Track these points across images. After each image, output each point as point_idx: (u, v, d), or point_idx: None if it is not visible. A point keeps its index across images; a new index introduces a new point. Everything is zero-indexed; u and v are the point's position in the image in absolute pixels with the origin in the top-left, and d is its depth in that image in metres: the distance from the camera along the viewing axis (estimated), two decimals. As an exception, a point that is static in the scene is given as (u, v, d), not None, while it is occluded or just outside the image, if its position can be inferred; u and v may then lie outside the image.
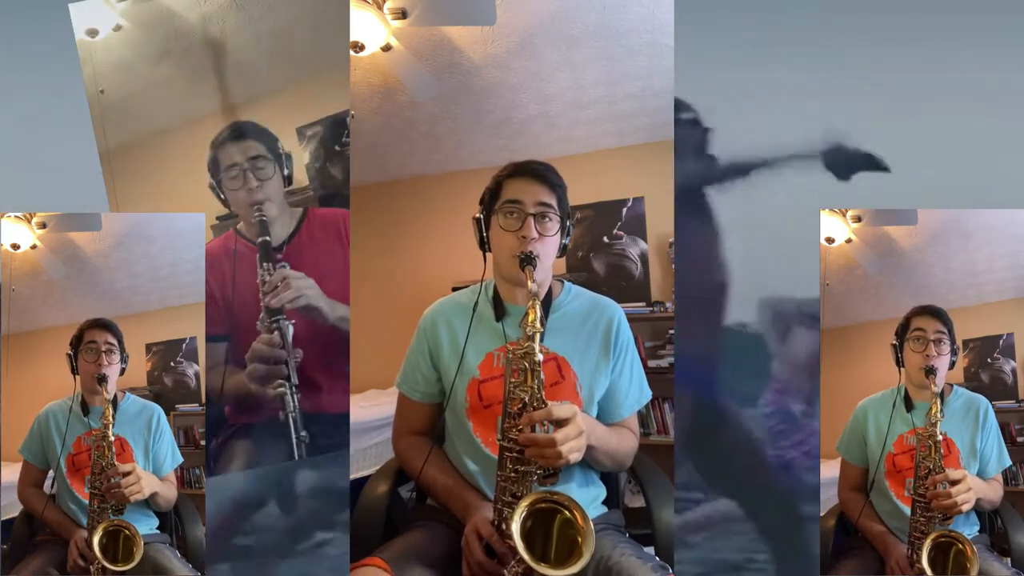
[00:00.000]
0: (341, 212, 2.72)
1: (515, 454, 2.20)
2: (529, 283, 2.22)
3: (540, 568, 2.11)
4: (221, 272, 2.69)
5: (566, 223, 2.34)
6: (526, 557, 2.11)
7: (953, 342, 2.54)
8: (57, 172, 2.91)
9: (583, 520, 2.16)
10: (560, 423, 2.18)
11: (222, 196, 2.69)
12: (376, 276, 2.82)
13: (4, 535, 2.61)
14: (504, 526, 2.19)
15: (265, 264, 2.63)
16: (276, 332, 2.59)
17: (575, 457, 2.20)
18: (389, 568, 2.21)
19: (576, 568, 2.11)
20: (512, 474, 2.20)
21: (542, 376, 2.20)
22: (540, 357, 2.20)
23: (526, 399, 2.19)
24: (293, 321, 2.61)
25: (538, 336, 2.20)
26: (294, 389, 2.60)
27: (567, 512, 2.18)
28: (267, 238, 2.64)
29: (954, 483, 2.48)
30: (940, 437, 2.48)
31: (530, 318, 2.20)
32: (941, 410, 2.49)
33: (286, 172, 2.69)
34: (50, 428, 2.60)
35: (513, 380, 2.21)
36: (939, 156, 2.93)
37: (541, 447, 2.17)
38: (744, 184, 2.95)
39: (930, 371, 2.51)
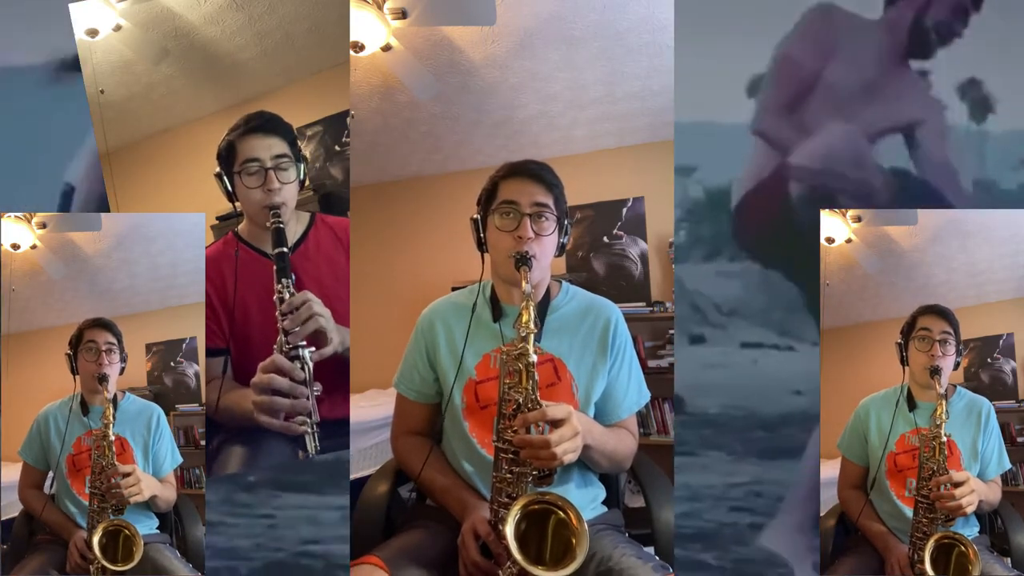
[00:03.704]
0: (345, 221, 2.60)
1: (510, 455, 2.20)
2: (524, 283, 2.22)
3: (534, 570, 2.10)
4: (221, 279, 2.54)
5: (563, 223, 2.33)
6: (519, 559, 2.10)
7: (959, 343, 2.53)
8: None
9: (577, 521, 2.15)
10: (555, 424, 2.17)
11: (230, 189, 2.51)
12: (376, 276, 2.83)
13: (4, 535, 2.62)
14: (499, 527, 2.19)
15: (284, 280, 2.44)
16: (298, 363, 2.42)
17: (570, 458, 2.19)
18: (386, 567, 2.21)
19: (570, 569, 2.11)
20: (508, 475, 2.20)
21: (536, 377, 2.19)
22: (534, 358, 2.19)
23: (520, 400, 2.19)
24: (313, 349, 2.43)
25: (532, 337, 2.20)
26: (316, 428, 2.44)
27: (561, 513, 2.17)
28: (284, 249, 2.45)
29: (957, 485, 2.47)
30: (945, 438, 2.48)
31: (524, 319, 2.19)
32: (946, 411, 2.49)
33: (302, 176, 2.53)
34: (49, 429, 2.60)
35: (507, 381, 2.20)
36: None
37: (536, 448, 2.17)
38: None
39: (935, 371, 2.50)
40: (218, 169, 2.51)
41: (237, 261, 2.54)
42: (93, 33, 2.64)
